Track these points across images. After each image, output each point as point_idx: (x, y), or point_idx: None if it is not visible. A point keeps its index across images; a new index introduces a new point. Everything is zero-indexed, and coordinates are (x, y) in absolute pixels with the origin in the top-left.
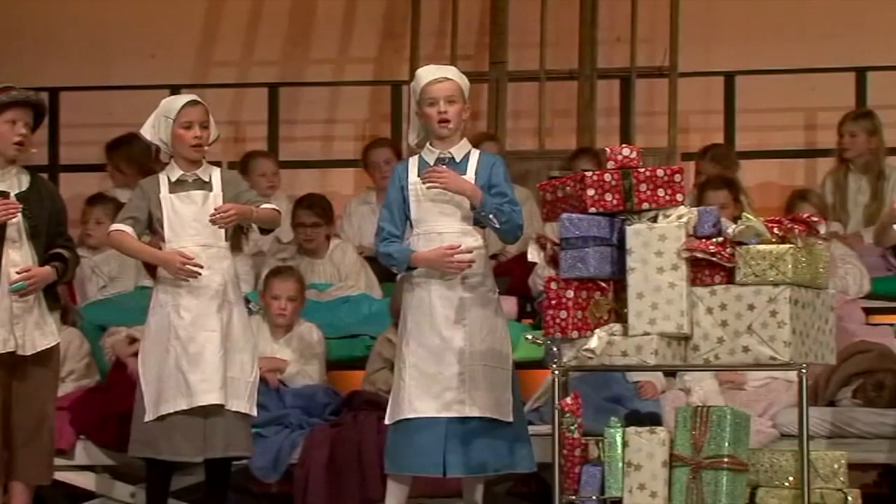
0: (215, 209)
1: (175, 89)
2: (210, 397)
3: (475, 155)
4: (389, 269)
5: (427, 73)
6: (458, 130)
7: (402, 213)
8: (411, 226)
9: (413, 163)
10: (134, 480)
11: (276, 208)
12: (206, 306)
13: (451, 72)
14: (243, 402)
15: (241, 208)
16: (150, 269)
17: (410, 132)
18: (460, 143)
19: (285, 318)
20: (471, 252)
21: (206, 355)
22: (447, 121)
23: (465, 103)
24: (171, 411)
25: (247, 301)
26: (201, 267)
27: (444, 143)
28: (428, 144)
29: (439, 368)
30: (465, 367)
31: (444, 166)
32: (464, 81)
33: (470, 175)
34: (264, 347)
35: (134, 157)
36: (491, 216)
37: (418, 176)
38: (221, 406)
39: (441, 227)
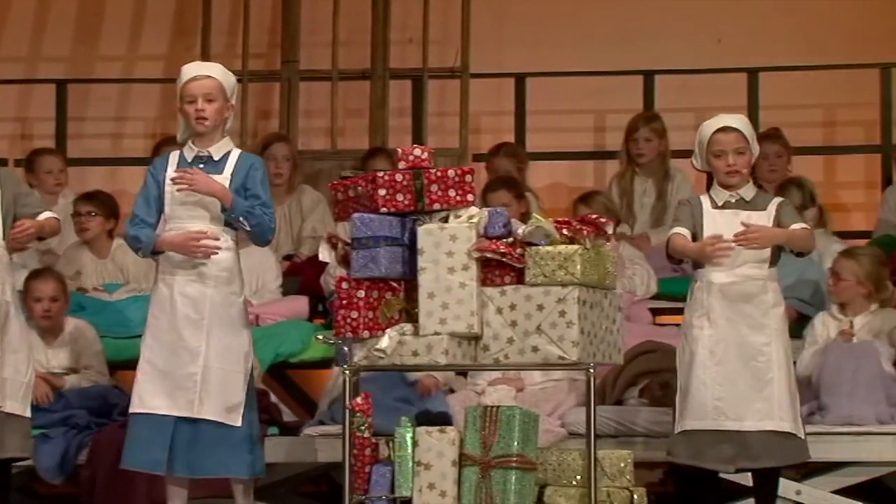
0: (14, 226)
1: None
2: None
3: (235, 154)
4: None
5: (188, 71)
6: (218, 128)
7: (157, 204)
8: (165, 220)
9: (173, 158)
10: None
11: (57, 216)
12: None
13: (214, 70)
14: (17, 404)
15: (37, 224)
16: None
17: (178, 129)
18: (220, 142)
19: (51, 320)
20: (217, 240)
21: None
22: (204, 118)
23: (228, 101)
24: None
25: None
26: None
27: (203, 141)
28: (189, 142)
29: (173, 366)
30: (200, 367)
31: (197, 167)
32: (227, 79)
33: (227, 174)
34: (38, 355)
35: None
36: (241, 219)
37: (175, 172)
38: None
39: (191, 226)
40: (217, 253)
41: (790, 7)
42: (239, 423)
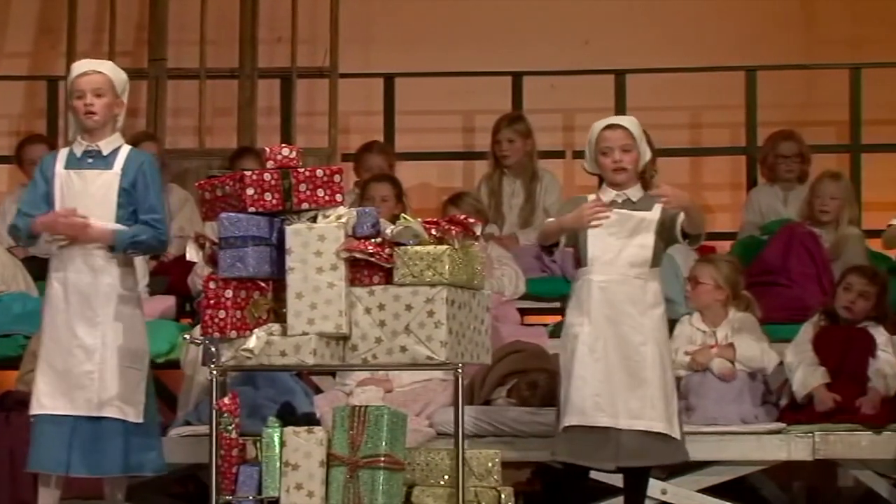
0: None
1: None
2: None
3: (125, 150)
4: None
5: (78, 67)
6: (107, 124)
7: (46, 200)
8: None
9: (62, 155)
10: None
11: None
12: None
13: (104, 66)
14: None
15: None
16: None
17: (69, 128)
18: (110, 137)
19: None
20: (85, 218)
21: None
22: (92, 113)
23: (118, 97)
24: None
25: None
26: None
27: (93, 136)
28: (78, 137)
29: (70, 365)
30: (97, 365)
31: (86, 162)
32: (117, 76)
33: (116, 169)
34: None
35: None
36: (129, 252)
37: (65, 168)
38: None
39: None
40: (88, 229)
41: (657, 9)
42: (141, 420)
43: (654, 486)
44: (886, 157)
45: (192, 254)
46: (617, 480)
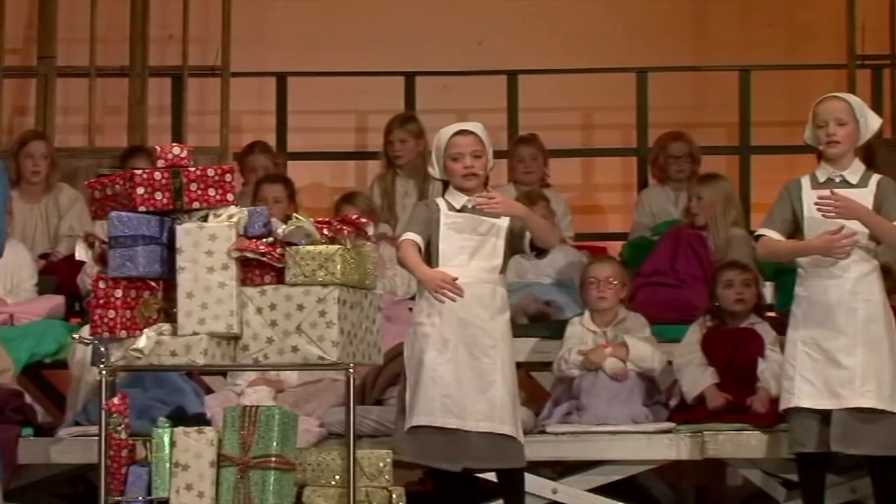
0: None
1: None
2: None
3: None
4: None
5: None
6: None
7: None
8: None
9: None
10: None
11: None
12: None
13: None
14: None
15: None
16: None
17: None
18: None
19: None
20: None
21: None
22: None
23: None
24: None
25: None
26: None
27: None
28: None
29: None
30: None
31: None
32: None
33: None
34: None
35: None
36: None
37: None
38: None
39: None
40: None
41: (549, 10)
42: None
43: (545, 486)
44: (775, 159)
45: (81, 253)
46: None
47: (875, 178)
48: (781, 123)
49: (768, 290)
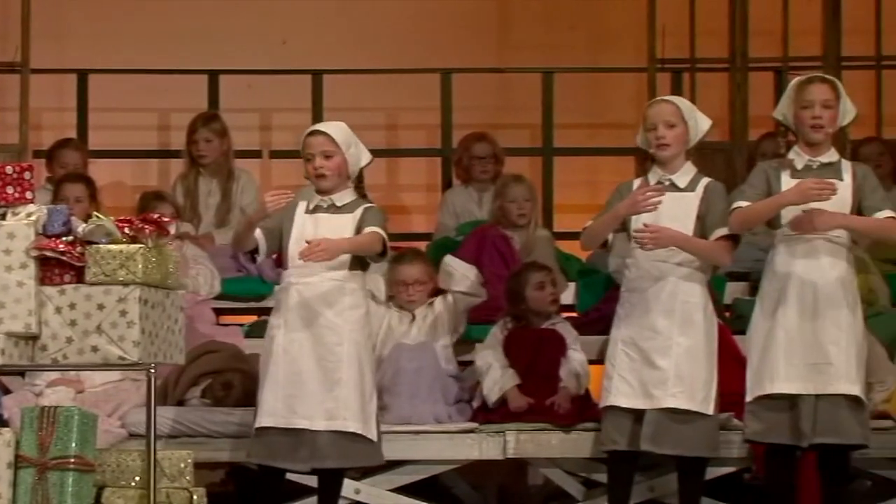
0: None
1: None
2: None
3: None
4: None
5: None
6: None
7: None
8: None
9: None
10: None
11: None
12: None
13: None
14: None
15: None
16: None
17: None
18: None
19: None
20: None
21: None
22: None
23: None
24: None
25: None
26: None
27: None
28: None
29: None
30: None
31: None
32: None
33: None
34: None
35: None
36: None
37: None
38: None
39: None
40: None
41: (354, 11)
42: None
43: (348, 486)
44: (577, 161)
45: None
46: (313, 481)
47: (704, 182)
48: (584, 126)
49: (570, 291)
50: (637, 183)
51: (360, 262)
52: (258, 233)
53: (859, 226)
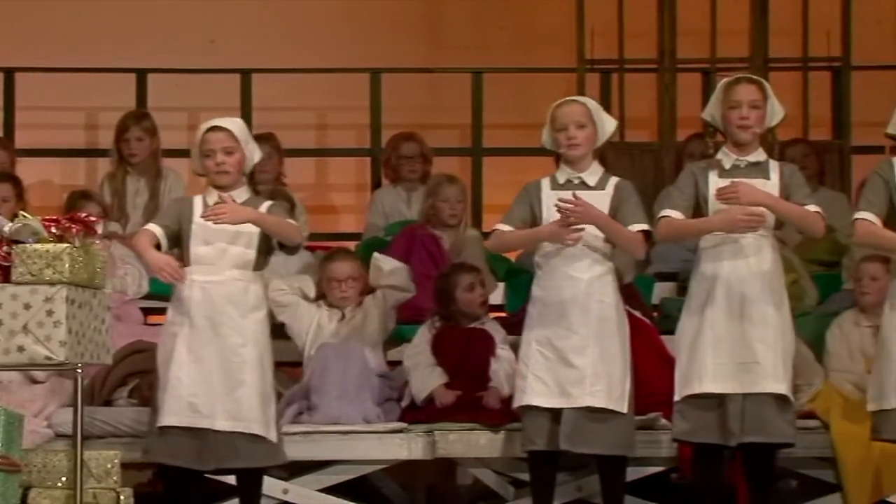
0: None
1: None
2: None
3: None
4: None
5: None
6: None
7: None
8: None
9: None
10: None
11: None
12: None
13: None
14: None
15: None
16: None
17: None
18: None
19: None
20: None
21: None
22: None
23: None
24: None
25: None
26: None
27: None
28: None
29: None
30: None
31: None
32: None
33: None
34: None
35: None
36: None
37: None
38: None
39: None
40: None
41: (283, 10)
42: None
43: (276, 486)
44: (506, 161)
45: None
46: (235, 480)
47: (613, 180)
48: (513, 126)
49: (499, 291)
50: (546, 182)
51: (262, 263)
52: (158, 231)
53: (782, 208)
